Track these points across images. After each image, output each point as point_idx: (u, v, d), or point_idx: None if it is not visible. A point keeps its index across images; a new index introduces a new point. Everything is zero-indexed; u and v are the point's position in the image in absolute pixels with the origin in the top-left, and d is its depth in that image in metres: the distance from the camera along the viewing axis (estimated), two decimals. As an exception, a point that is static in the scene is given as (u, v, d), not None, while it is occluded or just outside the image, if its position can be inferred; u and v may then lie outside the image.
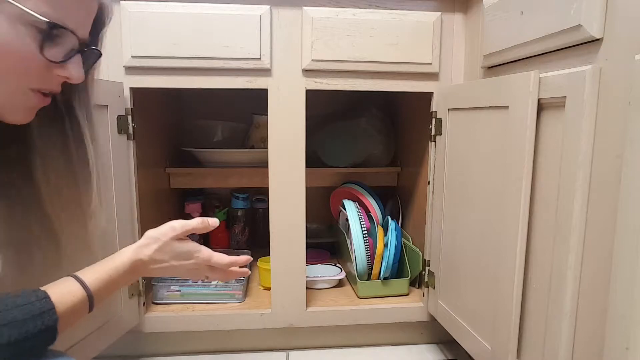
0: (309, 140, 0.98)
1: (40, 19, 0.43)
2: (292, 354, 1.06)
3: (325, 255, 1.37)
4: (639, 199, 0.47)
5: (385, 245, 1.09)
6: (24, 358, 0.39)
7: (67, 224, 0.54)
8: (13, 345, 0.38)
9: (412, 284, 1.13)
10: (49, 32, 0.44)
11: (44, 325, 0.41)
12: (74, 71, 0.47)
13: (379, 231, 1.11)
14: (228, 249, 1.39)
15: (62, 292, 0.47)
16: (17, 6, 0.42)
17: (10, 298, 0.41)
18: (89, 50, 0.50)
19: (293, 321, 1.02)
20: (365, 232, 1.11)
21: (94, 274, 0.52)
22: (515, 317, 0.69)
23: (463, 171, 0.85)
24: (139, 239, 0.59)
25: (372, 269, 1.10)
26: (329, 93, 1.00)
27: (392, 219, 1.15)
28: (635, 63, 0.48)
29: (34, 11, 0.42)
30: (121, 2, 0.86)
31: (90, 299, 0.50)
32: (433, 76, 0.96)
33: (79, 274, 0.52)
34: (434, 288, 1.00)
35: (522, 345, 0.70)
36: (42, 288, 0.46)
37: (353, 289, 1.15)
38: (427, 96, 0.99)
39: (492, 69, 0.84)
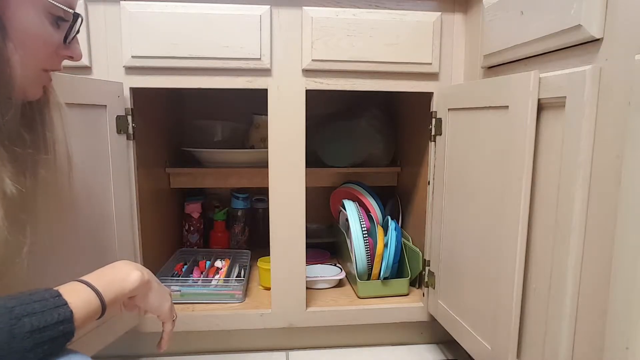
0: (309, 140, 0.98)
1: (66, 10, 0.50)
2: (292, 354, 1.06)
3: (325, 255, 1.37)
4: (639, 199, 0.47)
5: (385, 245, 1.09)
6: (44, 347, 0.41)
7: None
8: (36, 333, 0.40)
9: (412, 284, 1.13)
10: (62, 17, 0.51)
11: (60, 317, 0.43)
12: (77, 50, 0.55)
13: (379, 231, 1.11)
14: (228, 249, 1.39)
15: (67, 288, 0.48)
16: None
17: (27, 295, 0.43)
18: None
19: (293, 321, 1.02)
20: (365, 232, 1.11)
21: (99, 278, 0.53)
22: (515, 317, 0.69)
23: (463, 171, 0.85)
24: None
25: (372, 269, 1.09)
26: (329, 93, 1.00)
27: (392, 219, 1.15)
28: (635, 63, 0.48)
29: (56, 1, 0.49)
30: (121, 2, 0.86)
31: (99, 295, 0.50)
32: (433, 76, 0.96)
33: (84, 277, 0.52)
34: (434, 288, 1.00)
35: (522, 345, 0.70)
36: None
37: (353, 289, 1.15)
38: (427, 96, 0.99)
39: (492, 69, 0.84)
